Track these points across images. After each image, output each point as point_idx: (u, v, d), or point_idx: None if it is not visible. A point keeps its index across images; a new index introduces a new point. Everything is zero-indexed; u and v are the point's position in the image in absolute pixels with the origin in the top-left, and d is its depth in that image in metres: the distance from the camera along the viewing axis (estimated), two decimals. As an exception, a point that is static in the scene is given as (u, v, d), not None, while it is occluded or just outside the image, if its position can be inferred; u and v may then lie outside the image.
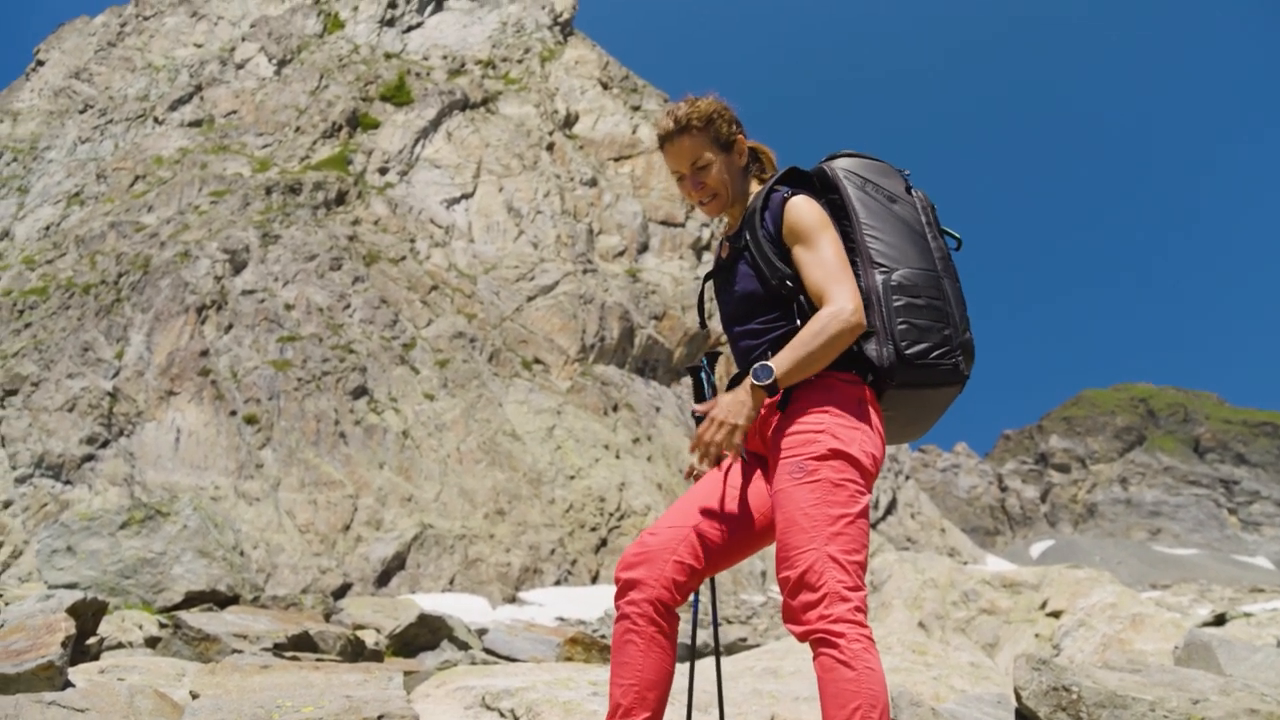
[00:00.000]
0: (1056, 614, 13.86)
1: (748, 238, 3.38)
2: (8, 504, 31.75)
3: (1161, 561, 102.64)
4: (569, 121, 62.19)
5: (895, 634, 8.39)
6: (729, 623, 29.35)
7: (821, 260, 3.17)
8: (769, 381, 3.04)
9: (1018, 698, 4.75)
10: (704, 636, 22.93)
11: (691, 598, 3.55)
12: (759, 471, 3.40)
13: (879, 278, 3.16)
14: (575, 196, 54.51)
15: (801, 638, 3.01)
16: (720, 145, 3.48)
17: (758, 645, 22.22)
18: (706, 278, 3.66)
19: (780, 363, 3.06)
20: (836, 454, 3.07)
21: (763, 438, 3.36)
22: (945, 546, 62.72)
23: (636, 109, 65.04)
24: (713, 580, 3.63)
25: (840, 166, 3.42)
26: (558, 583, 33.55)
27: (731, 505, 3.32)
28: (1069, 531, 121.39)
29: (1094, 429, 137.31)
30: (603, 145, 60.95)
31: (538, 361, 44.66)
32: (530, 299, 47.39)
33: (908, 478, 69.21)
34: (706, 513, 3.32)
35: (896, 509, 64.18)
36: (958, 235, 3.44)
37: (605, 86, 66.51)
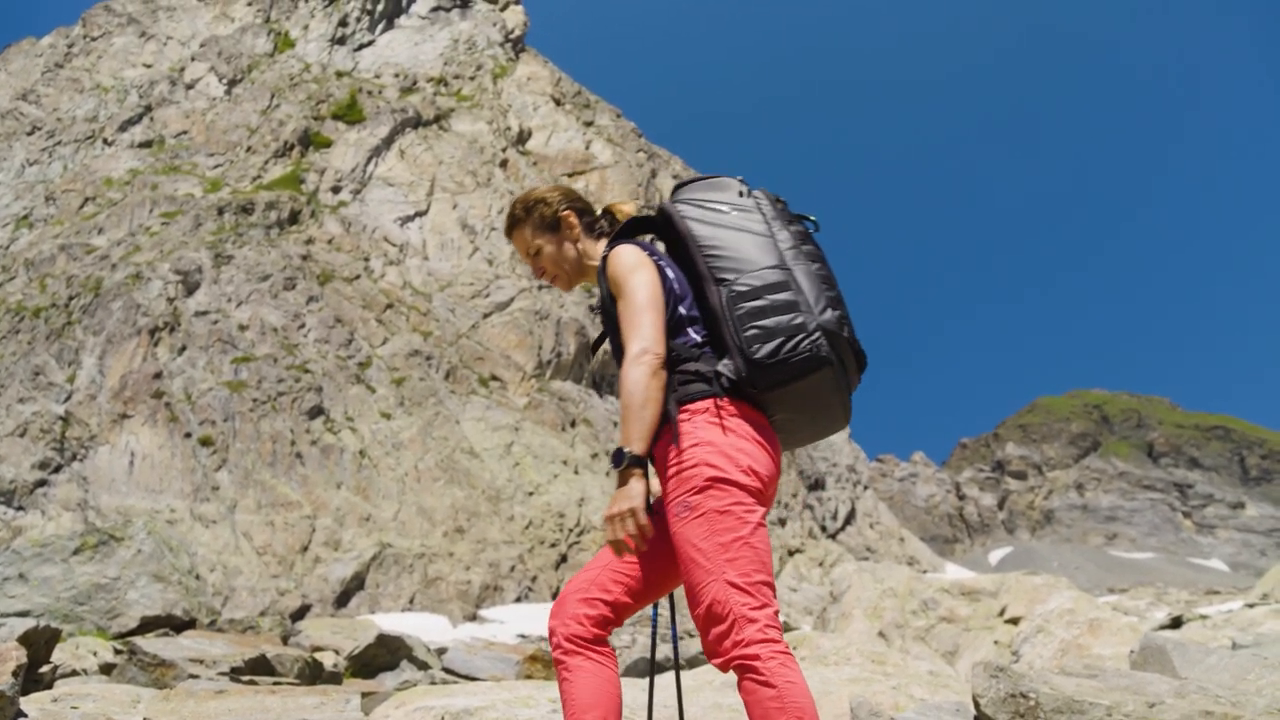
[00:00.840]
0: (1015, 621, 13.97)
1: (601, 300, 3.59)
2: (-41, 531, 31.38)
3: (1118, 566, 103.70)
4: (522, 138, 62.21)
5: (854, 644, 8.43)
6: (690, 636, 29.35)
7: (624, 310, 3.36)
8: (625, 463, 3.16)
9: (976, 705, 4.78)
10: (666, 651, 22.91)
11: (650, 613, 3.65)
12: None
13: (723, 293, 3.28)
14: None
15: (723, 669, 3.09)
16: (546, 228, 3.82)
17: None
18: (595, 344, 3.86)
19: (626, 437, 3.18)
20: (713, 482, 3.16)
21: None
22: (904, 555, 63.05)
23: (589, 124, 65.16)
24: (672, 597, 3.67)
25: (675, 199, 3.63)
26: (519, 599, 33.47)
27: (646, 545, 3.31)
28: (1027, 538, 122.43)
29: (1049, 436, 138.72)
30: (556, 161, 60.99)
31: (494, 378, 44.56)
32: (486, 316, 47.31)
33: (866, 488, 69.54)
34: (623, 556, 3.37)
35: (855, 519, 64.46)
36: (813, 218, 3.55)
37: (558, 103, 66.59)
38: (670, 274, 3.49)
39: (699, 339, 3.38)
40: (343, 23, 71.15)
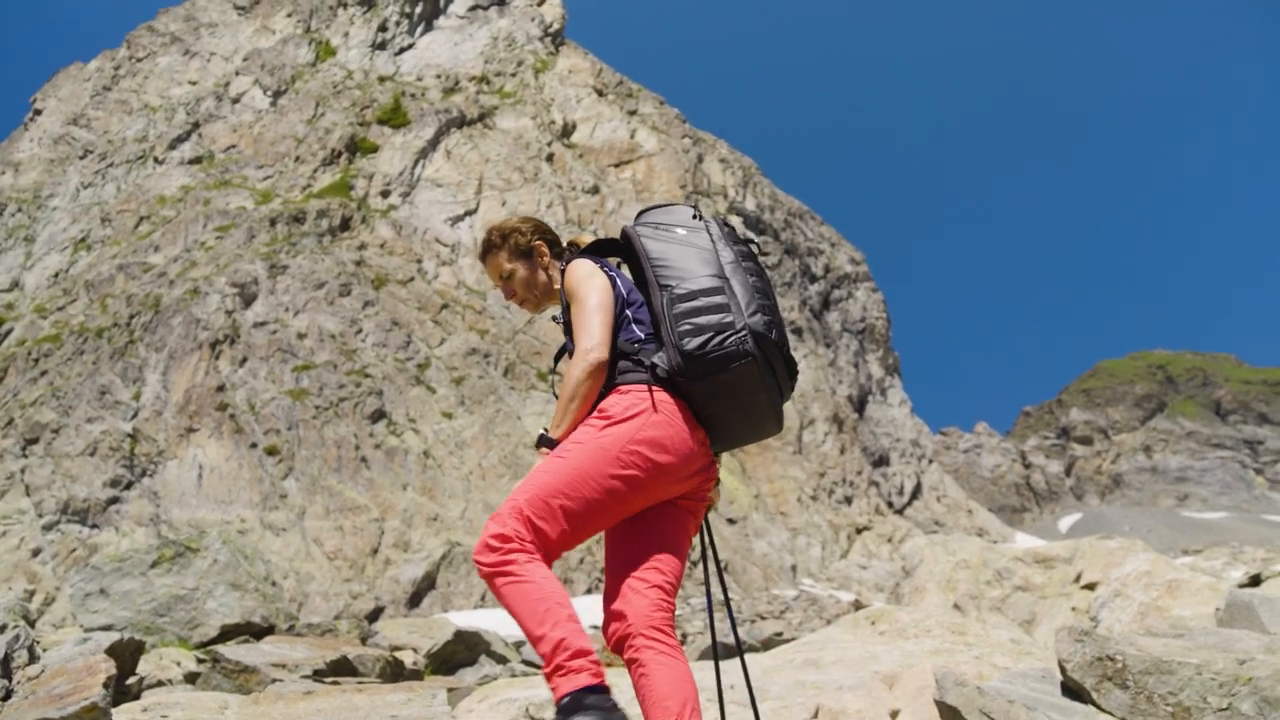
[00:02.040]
0: (1091, 586, 13.78)
1: (562, 310, 3.92)
2: (37, 551, 31.84)
3: (1191, 527, 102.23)
4: (567, 131, 62.24)
5: (933, 616, 8.34)
6: (762, 618, 29.32)
7: (577, 313, 3.73)
8: (539, 443, 3.60)
9: (1063, 670, 4.71)
10: (739, 634, 22.92)
11: (705, 601, 3.84)
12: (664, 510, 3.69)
13: (664, 296, 3.61)
14: (578, 205, 54.55)
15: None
16: (520, 255, 4.15)
17: (793, 639, 22.18)
18: (558, 356, 4.13)
19: (553, 422, 3.58)
20: (609, 427, 3.51)
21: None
22: (973, 527, 62.64)
23: (633, 113, 65.07)
24: (723, 580, 3.87)
25: (636, 224, 3.96)
26: (588, 591, 33.54)
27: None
28: (1096, 503, 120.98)
29: (1114, 399, 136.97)
30: (602, 152, 60.99)
31: (553, 371, 44.66)
32: (555, 320, 47.37)
33: (930, 461, 69.13)
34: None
35: (921, 493, 64.12)
36: (756, 240, 3.92)
37: (600, 94, 66.56)
38: (619, 283, 3.84)
39: (642, 335, 3.70)
40: (382, 28, 71.46)
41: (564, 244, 4.26)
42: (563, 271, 3.90)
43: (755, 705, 4.04)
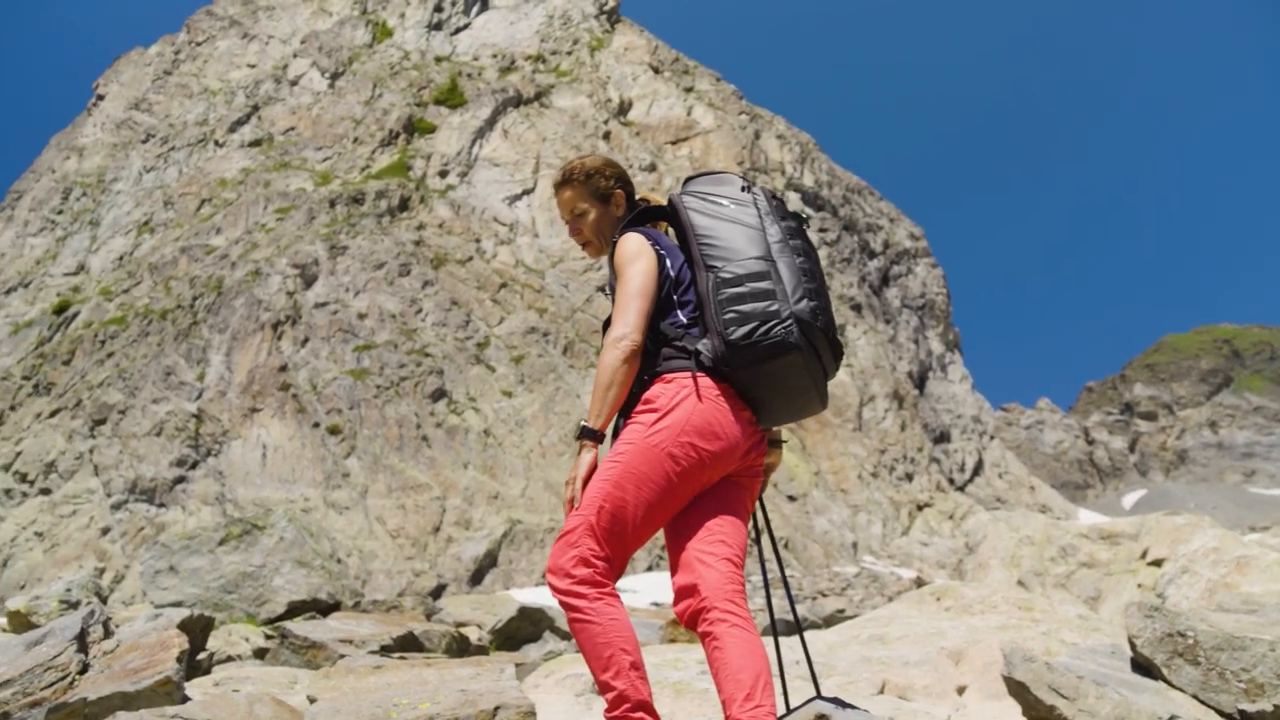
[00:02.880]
0: (1158, 563, 13.63)
1: (609, 280, 3.86)
2: (106, 530, 32.35)
3: (1258, 503, 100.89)
4: (623, 109, 62.14)
5: (999, 592, 8.29)
6: (824, 595, 29.27)
7: (620, 294, 3.65)
8: (588, 439, 3.53)
9: (1132, 646, 4.67)
10: (801, 611, 22.87)
11: (761, 579, 3.85)
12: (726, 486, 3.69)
13: (710, 278, 3.57)
14: (636, 183, 54.21)
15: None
16: (598, 197, 4.06)
17: (855, 615, 22.12)
18: (605, 325, 3.98)
19: (590, 413, 3.53)
20: (658, 424, 3.51)
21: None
22: (1036, 504, 62.12)
23: (689, 90, 64.85)
24: (779, 559, 4.10)
25: (681, 192, 3.88)
26: (649, 569, 33.59)
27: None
28: (1160, 480, 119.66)
29: (1178, 374, 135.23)
30: (659, 129, 60.83)
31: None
32: (599, 288, 47.43)
33: (992, 437, 68.63)
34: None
35: (983, 470, 63.67)
36: (803, 216, 3.86)
37: (656, 71, 66.36)
38: (669, 262, 3.77)
39: (685, 320, 3.67)
40: (438, 8, 71.60)
41: (637, 198, 4.20)
42: (615, 242, 3.84)
43: (815, 677, 4.06)
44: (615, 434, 3.67)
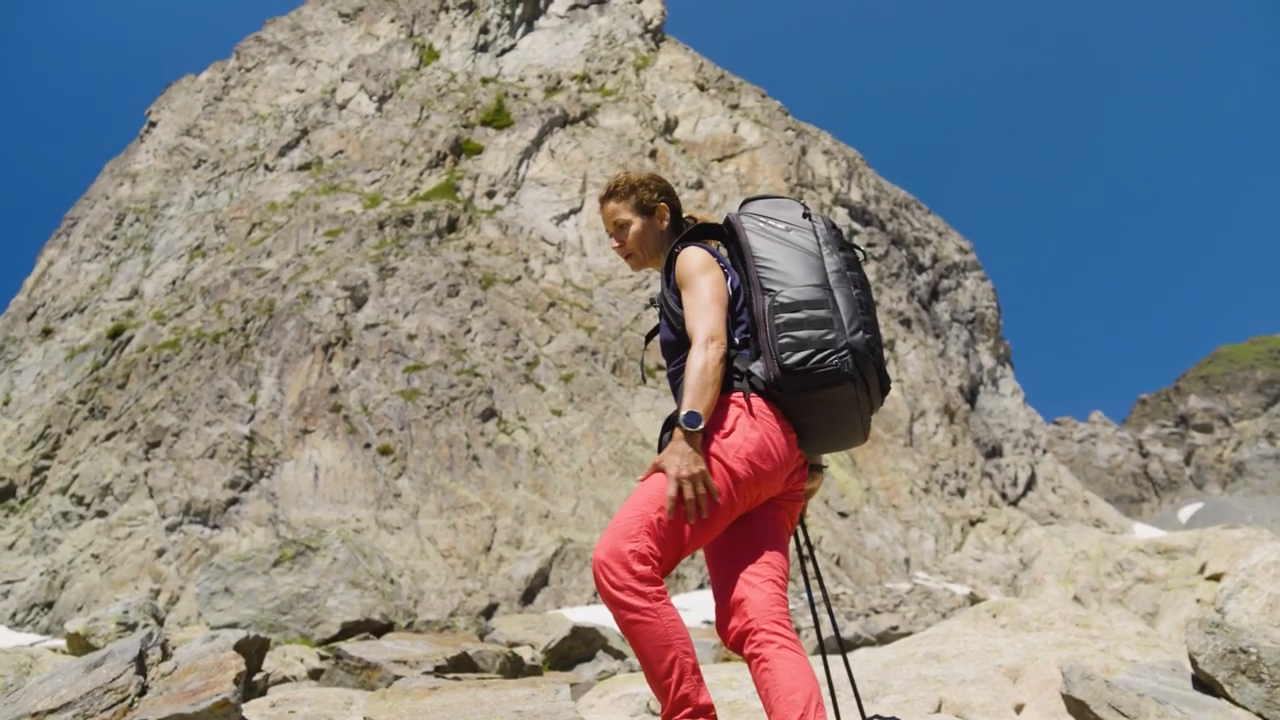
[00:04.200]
0: (1216, 577, 13.44)
1: (661, 293, 3.88)
2: (161, 552, 32.66)
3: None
4: (669, 127, 62.26)
5: (1055, 609, 8.21)
6: (876, 612, 29.07)
7: (692, 302, 3.64)
8: (700, 426, 3.39)
9: (1193, 664, 4.61)
10: (854, 629, 22.74)
11: (806, 599, 3.87)
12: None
13: (766, 301, 3.56)
14: (682, 200, 54.03)
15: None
16: (641, 210, 4.06)
17: (910, 633, 21.95)
18: (648, 337, 4.12)
19: (693, 405, 3.41)
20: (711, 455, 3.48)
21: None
22: (1090, 518, 61.54)
23: (735, 107, 64.89)
24: (820, 577, 4.07)
25: (740, 212, 3.90)
26: (700, 586, 33.53)
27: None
28: (1217, 493, 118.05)
29: (1234, 385, 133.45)
30: (705, 147, 60.90)
31: (661, 368, 44.73)
32: (647, 306, 47.49)
33: (1045, 451, 68.09)
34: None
35: (1036, 484, 63.16)
36: (862, 248, 3.91)
37: (702, 88, 66.47)
38: (730, 277, 3.78)
39: (737, 340, 3.66)
40: (484, 30, 72.09)
41: (684, 216, 4.21)
42: (673, 254, 3.84)
43: (859, 699, 4.03)
44: (660, 448, 3.66)
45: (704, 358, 3.46)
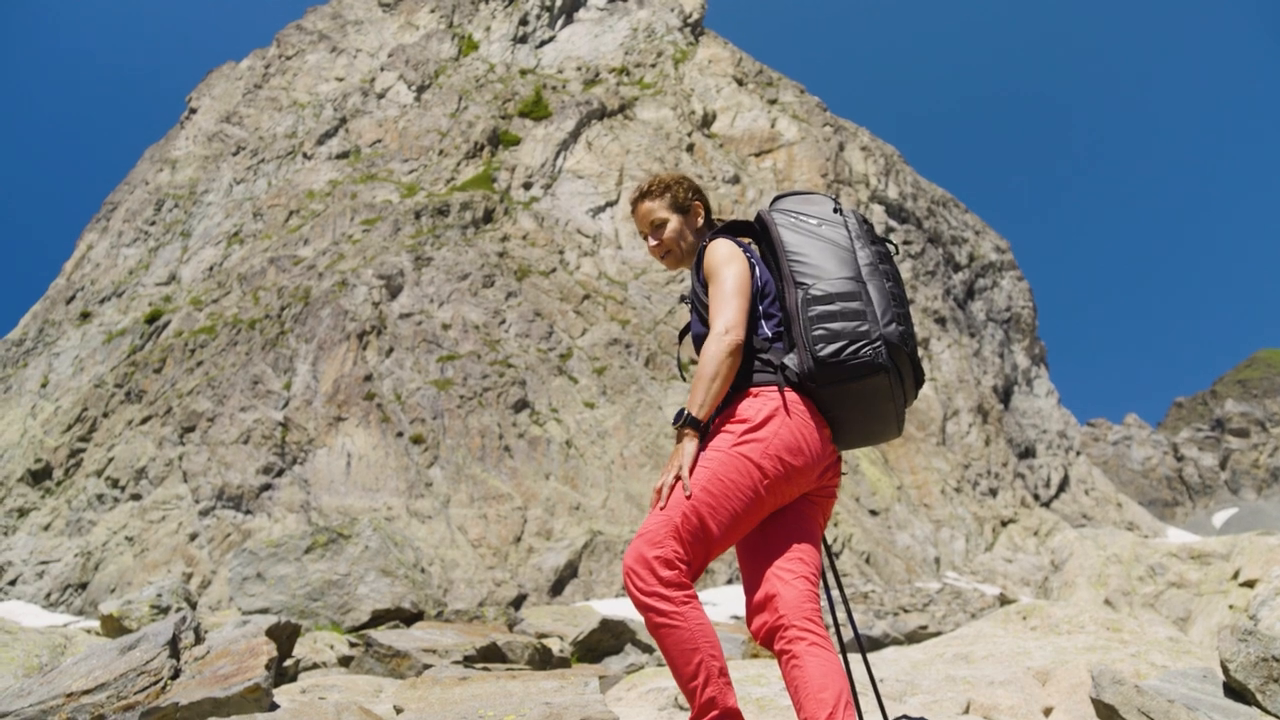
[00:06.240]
0: (1250, 583, 13.34)
1: (692, 288, 3.95)
2: (194, 536, 32.88)
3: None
4: (707, 121, 62.16)
5: (1086, 612, 8.17)
6: (905, 611, 29.01)
7: (715, 294, 3.69)
8: (682, 421, 3.54)
9: (1225, 671, 4.58)
10: (883, 627, 22.68)
11: (824, 599, 3.87)
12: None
13: (799, 294, 3.60)
14: (719, 195, 54.44)
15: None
16: (676, 208, 4.12)
17: (939, 633, 21.87)
18: (682, 333, 4.15)
19: (692, 402, 3.53)
20: (747, 441, 3.51)
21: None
22: (1123, 521, 61.16)
23: (773, 102, 64.73)
24: (837, 574, 4.00)
25: (771, 208, 3.93)
26: (729, 581, 33.52)
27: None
28: (1253, 498, 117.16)
29: (1272, 390, 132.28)
30: (742, 142, 60.79)
31: (694, 362, 44.66)
32: (682, 300, 47.39)
33: (1078, 453, 67.68)
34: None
35: (1069, 486, 62.79)
36: (894, 243, 3.94)
37: (740, 83, 66.33)
38: (758, 272, 3.82)
39: (770, 334, 3.71)
40: (523, 21, 72.18)
41: (713, 215, 4.24)
42: (703, 248, 3.86)
43: (879, 696, 4.03)
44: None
45: (713, 350, 3.53)
